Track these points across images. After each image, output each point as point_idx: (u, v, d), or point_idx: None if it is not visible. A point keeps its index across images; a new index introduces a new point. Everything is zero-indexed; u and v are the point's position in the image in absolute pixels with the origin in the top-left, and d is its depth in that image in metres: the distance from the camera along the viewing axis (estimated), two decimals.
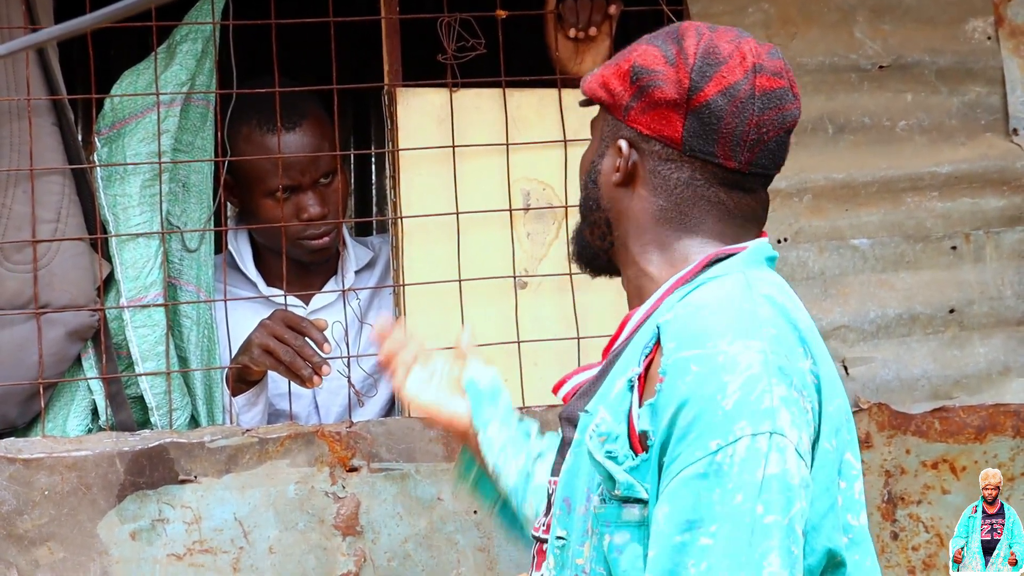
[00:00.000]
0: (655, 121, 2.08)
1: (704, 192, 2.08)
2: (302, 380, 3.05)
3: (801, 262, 3.30)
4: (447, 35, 3.15)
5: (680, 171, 2.08)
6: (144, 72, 3.10)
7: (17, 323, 2.99)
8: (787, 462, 1.87)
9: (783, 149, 2.11)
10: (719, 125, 2.05)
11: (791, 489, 1.87)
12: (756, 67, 2.10)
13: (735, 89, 2.07)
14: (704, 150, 2.06)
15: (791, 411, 1.89)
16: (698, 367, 1.91)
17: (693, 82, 2.06)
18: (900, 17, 3.37)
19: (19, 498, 2.88)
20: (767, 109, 2.08)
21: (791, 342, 1.96)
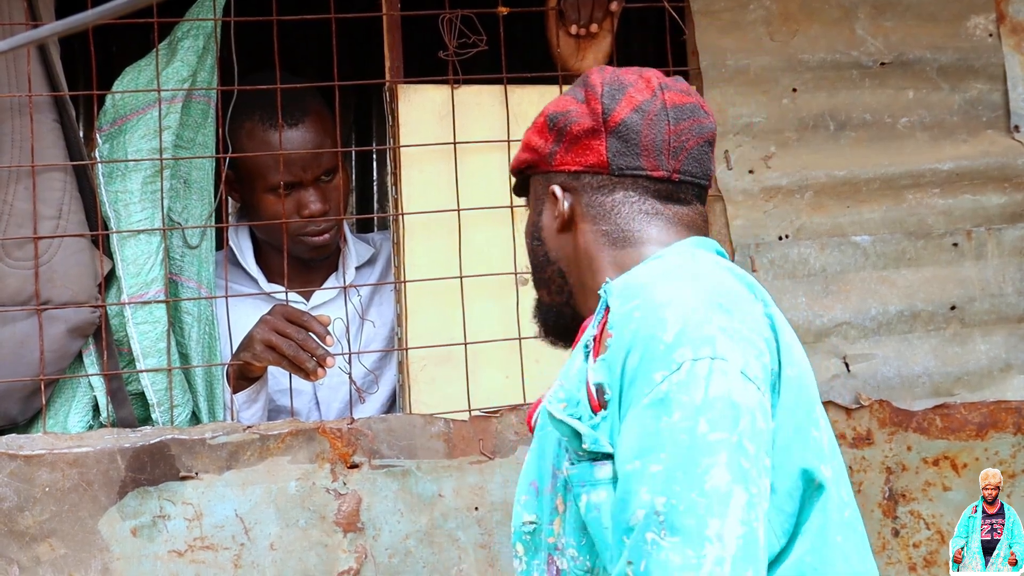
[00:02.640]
0: (579, 155, 2.19)
1: (641, 206, 2.17)
2: (306, 374, 3.05)
3: (802, 259, 3.30)
4: (448, 31, 3.15)
5: (614, 192, 2.18)
6: (145, 69, 3.10)
7: (18, 320, 2.99)
8: (730, 383, 1.92)
9: (706, 158, 2.20)
10: (638, 139, 2.16)
11: (737, 407, 1.91)
12: (661, 86, 2.22)
13: (646, 105, 2.18)
14: (631, 165, 2.16)
15: (732, 339, 1.95)
16: (640, 312, 1.98)
17: (605, 107, 2.18)
18: (901, 14, 3.37)
19: (20, 494, 2.88)
20: (681, 120, 2.18)
21: (735, 288, 2.03)
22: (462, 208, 3.16)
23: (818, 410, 2.05)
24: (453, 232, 3.16)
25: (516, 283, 3.18)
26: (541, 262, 2.24)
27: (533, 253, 2.26)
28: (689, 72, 3.31)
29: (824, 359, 3.29)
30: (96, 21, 1.61)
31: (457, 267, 3.14)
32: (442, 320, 3.15)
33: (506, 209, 3.19)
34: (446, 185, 3.17)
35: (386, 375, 3.39)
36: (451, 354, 3.13)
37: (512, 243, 3.19)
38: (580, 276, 2.20)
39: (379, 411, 3.35)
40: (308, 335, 3.05)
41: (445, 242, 3.16)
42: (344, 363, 3.22)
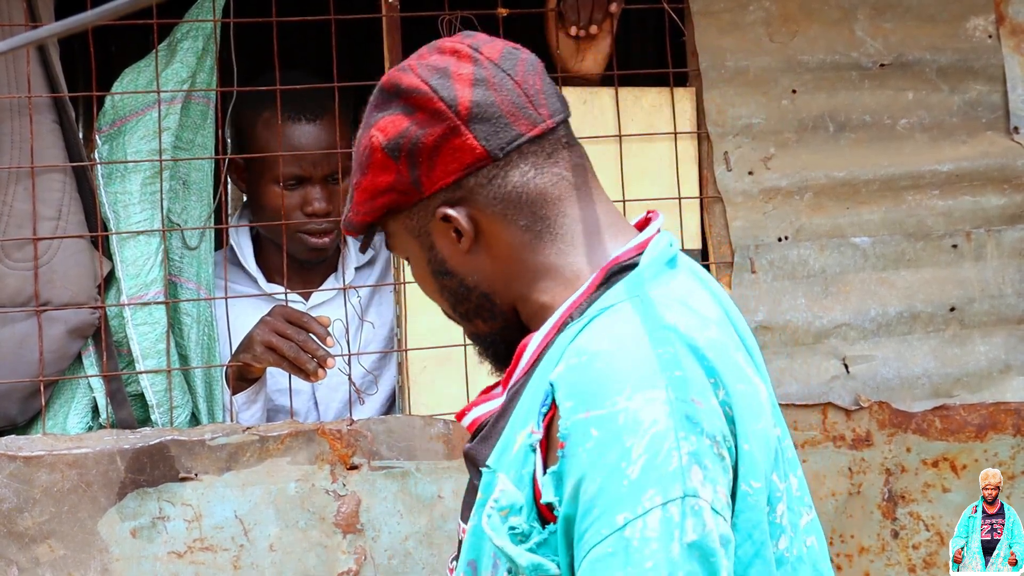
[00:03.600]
0: (450, 162, 1.90)
1: (541, 179, 1.91)
2: (306, 375, 3.05)
3: (802, 260, 3.30)
4: (448, 32, 3.15)
5: (508, 177, 1.91)
6: (145, 70, 3.10)
7: (18, 321, 2.99)
8: (705, 525, 1.71)
9: (554, 88, 1.95)
10: (498, 109, 1.90)
11: (713, 554, 1.70)
12: (472, 47, 1.95)
13: (479, 74, 1.91)
14: (510, 138, 1.90)
15: (704, 465, 1.73)
16: (598, 431, 1.73)
17: (445, 100, 1.90)
18: (901, 15, 3.37)
19: (19, 496, 2.88)
20: (514, 65, 1.92)
21: (699, 379, 1.78)
22: None
23: (775, 477, 1.84)
24: None
25: None
26: (460, 295, 1.98)
27: (444, 291, 2.00)
28: (688, 73, 3.31)
29: (823, 360, 3.29)
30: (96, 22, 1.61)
31: None
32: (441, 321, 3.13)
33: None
34: None
35: (385, 376, 3.39)
36: (450, 355, 3.13)
37: None
38: (510, 289, 1.95)
39: (378, 412, 3.35)
40: (308, 336, 3.05)
41: None
42: (343, 364, 3.21)
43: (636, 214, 2.02)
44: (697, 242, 3.29)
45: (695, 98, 3.30)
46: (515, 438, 1.84)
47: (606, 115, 3.27)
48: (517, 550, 1.78)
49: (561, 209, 1.92)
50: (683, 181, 3.29)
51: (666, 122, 3.29)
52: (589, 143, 3.23)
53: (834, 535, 3.22)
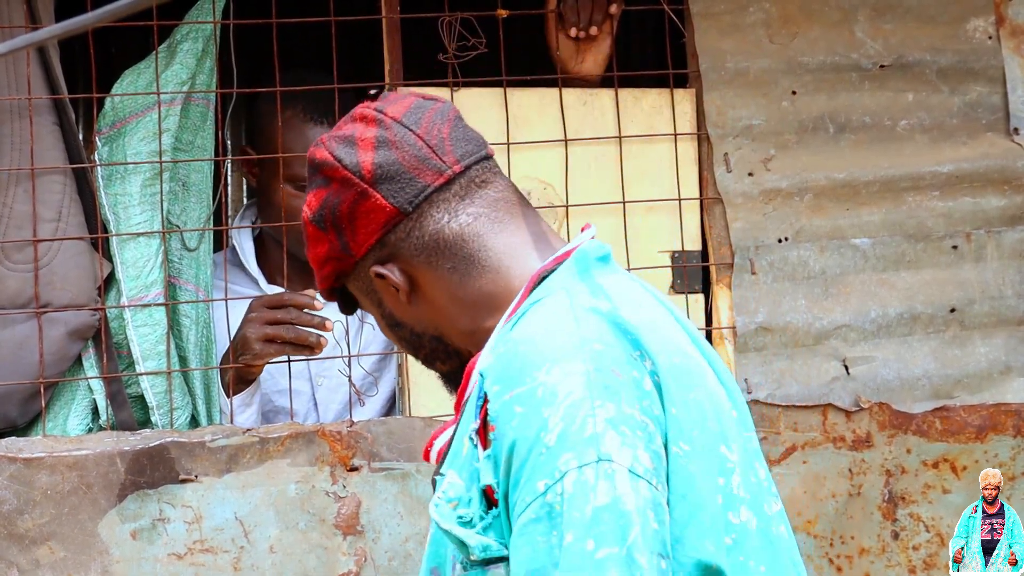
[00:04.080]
0: (367, 224, 2.01)
1: (457, 221, 2.00)
2: (311, 348, 3.04)
3: (802, 261, 3.30)
4: (448, 34, 3.15)
5: (423, 228, 2.00)
6: (145, 71, 3.10)
7: (18, 322, 2.99)
8: (618, 488, 1.76)
9: (467, 131, 2.04)
10: (401, 166, 1.99)
11: (625, 516, 1.75)
12: (377, 109, 2.04)
13: (381, 136, 2.01)
14: (416, 191, 2.00)
15: (621, 431, 1.78)
16: (521, 407, 1.82)
17: (350, 167, 2.00)
18: (901, 16, 3.37)
19: (20, 497, 2.88)
20: (418, 121, 2.02)
21: (621, 352, 1.85)
22: None
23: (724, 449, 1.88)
24: None
25: None
26: (414, 342, 2.07)
27: (402, 341, 2.09)
28: (688, 75, 3.31)
29: (824, 362, 3.29)
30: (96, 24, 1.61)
31: None
32: None
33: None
34: None
35: (385, 378, 3.39)
36: None
37: None
38: (457, 327, 2.03)
39: (378, 414, 3.35)
40: (299, 312, 3.04)
41: None
42: (343, 365, 3.21)
43: (637, 215, 2.06)
44: (697, 243, 3.29)
45: (695, 99, 3.30)
46: (463, 441, 1.91)
47: (606, 116, 3.27)
48: (465, 532, 1.85)
49: (483, 243, 2.00)
50: (683, 182, 3.29)
51: (666, 123, 3.29)
52: (589, 145, 3.25)
53: (834, 536, 3.22)
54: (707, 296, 3.30)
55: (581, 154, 3.25)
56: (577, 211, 3.22)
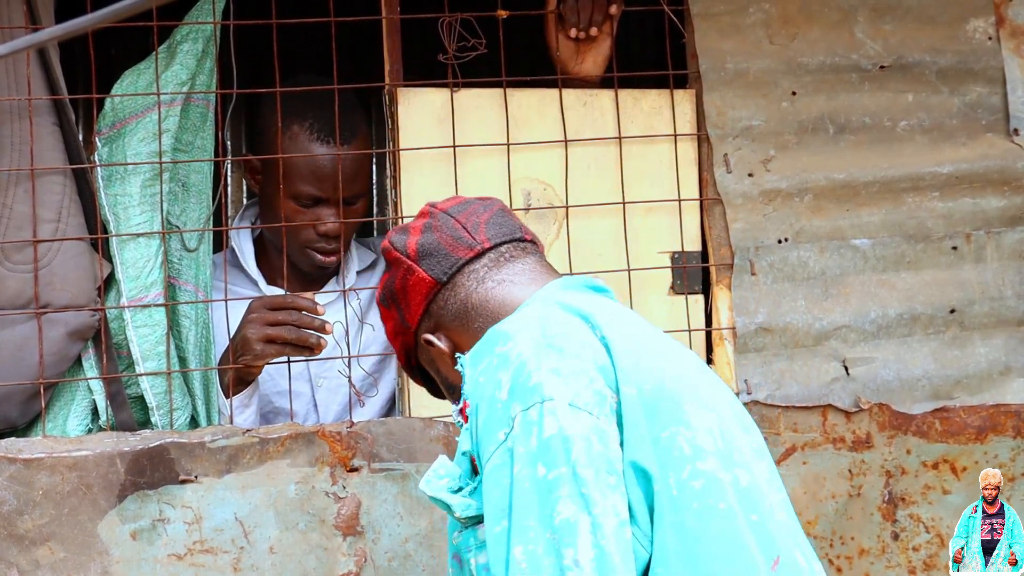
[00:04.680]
0: (414, 297, 2.37)
1: (483, 286, 2.33)
2: (311, 349, 3.04)
3: (802, 262, 3.30)
4: (448, 35, 3.15)
5: (456, 295, 2.34)
6: (145, 72, 3.10)
7: (18, 323, 2.99)
8: (560, 419, 2.04)
9: (506, 220, 2.38)
10: (439, 244, 2.35)
11: (567, 440, 2.03)
12: (431, 204, 2.43)
13: (428, 223, 2.39)
14: (450, 264, 2.35)
15: (562, 375, 2.07)
16: (483, 377, 2.13)
17: (400, 249, 2.39)
18: (901, 17, 3.37)
19: (20, 498, 2.88)
20: (461, 211, 2.38)
21: (572, 321, 2.15)
22: None
23: (693, 410, 2.12)
24: None
25: None
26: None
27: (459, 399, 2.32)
28: (688, 75, 3.31)
29: (823, 362, 3.29)
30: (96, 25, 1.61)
31: None
32: None
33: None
34: (445, 188, 3.16)
35: (385, 378, 3.39)
36: None
37: None
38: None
39: (378, 414, 3.35)
40: (300, 314, 3.04)
41: None
42: (343, 366, 3.21)
43: (636, 216, 2.19)
44: (697, 244, 3.30)
45: (695, 100, 3.30)
46: (460, 423, 2.22)
47: (606, 117, 3.27)
48: (452, 497, 2.16)
49: (505, 303, 2.31)
50: (683, 183, 3.29)
51: (666, 124, 3.29)
52: (589, 145, 3.25)
53: (834, 537, 3.23)
54: (707, 297, 3.30)
55: (581, 155, 3.25)
56: (577, 212, 3.22)
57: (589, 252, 3.21)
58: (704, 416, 2.12)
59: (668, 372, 2.14)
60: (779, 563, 2.08)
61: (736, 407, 2.22)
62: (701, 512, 2.05)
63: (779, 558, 2.08)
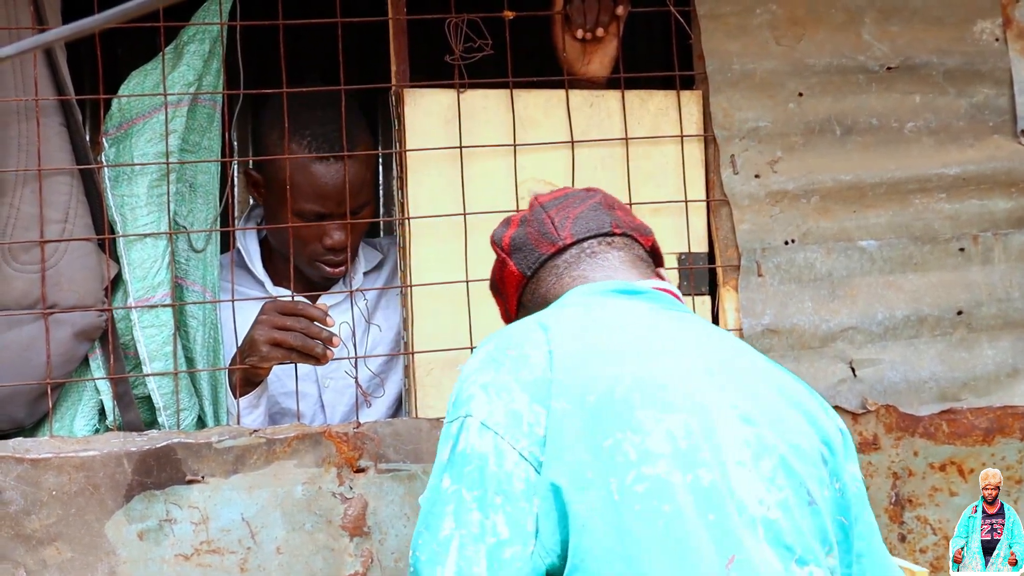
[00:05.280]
0: (509, 286, 2.51)
1: (558, 282, 2.43)
2: (316, 359, 3.04)
3: (808, 263, 3.30)
4: (454, 36, 3.15)
5: (539, 287, 2.46)
6: (151, 73, 3.10)
7: (25, 323, 2.99)
8: (470, 437, 2.18)
9: (599, 214, 2.47)
10: (526, 239, 2.47)
11: (467, 459, 2.17)
12: (534, 198, 2.53)
13: (526, 217, 2.50)
14: (533, 259, 2.46)
15: (489, 390, 2.19)
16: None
17: (498, 241, 2.52)
18: (908, 18, 3.37)
19: (27, 498, 2.88)
20: (556, 205, 2.48)
21: (529, 332, 2.24)
22: (468, 212, 3.16)
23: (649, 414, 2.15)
24: (459, 236, 3.16)
25: None
26: None
27: None
28: (695, 76, 3.31)
29: (830, 364, 3.29)
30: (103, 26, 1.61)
31: (463, 271, 3.14)
32: (448, 324, 3.15)
33: (512, 213, 3.19)
34: (452, 189, 3.17)
35: (392, 379, 3.39)
36: (457, 358, 3.13)
37: None
38: None
39: (385, 415, 3.35)
40: (309, 322, 3.04)
41: (451, 246, 3.16)
42: (350, 367, 3.22)
43: (643, 217, 2.28)
44: (704, 245, 3.29)
45: (702, 101, 3.30)
46: None
47: (612, 118, 3.27)
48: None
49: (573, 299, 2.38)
50: (689, 184, 3.29)
51: (672, 125, 3.29)
52: (595, 146, 3.25)
53: None
54: (713, 298, 3.30)
55: (587, 155, 3.25)
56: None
57: None
58: (666, 419, 2.14)
59: (626, 378, 2.17)
60: (734, 561, 2.08)
61: (760, 401, 2.23)
62: (642, 514, 2.09)
63: (734, 556, 2.08)
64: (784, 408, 2.25)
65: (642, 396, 2.16)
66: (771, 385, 2.27)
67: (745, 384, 2.24)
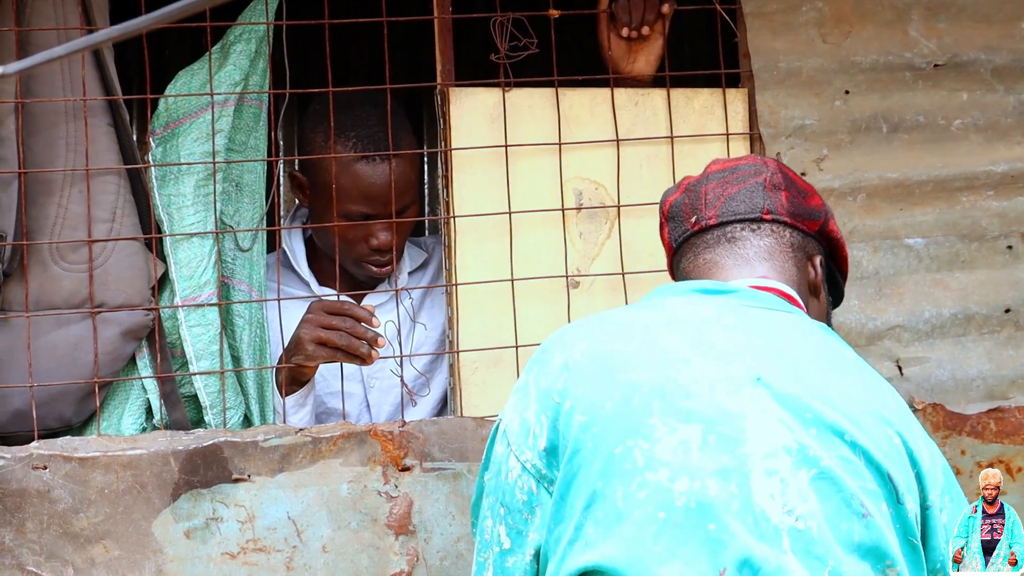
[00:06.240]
0: (665, 248, 2.51)
1: (694, 261, 2.42)
2: (362, 359, 3.04)
3: (855, 262, 3.29)
4: (500, 35, 3.15)
5: (682, 261, 2.45)
6: (198, 72, 3.11)
7: (73, 322, 3.01)
8: (496, 442, 2.27)
9: (756, 195, 2.41)
10: (680, 210, 2.45)
11: (491, 464, 2.27)
12: (712, 163, 2.51)
13: (691, 185, 2.47)
14: (680, 232, 2.45)
15: (516, 396, 2.26)
16: None
17: (662, 200, 2.52)
18: (955, 15, 3.35)
19: (75, 496, 2.90)
20: (719, 177, 2.44)
21: (568, 339, 2.28)
22: (513, 211, 3.16)
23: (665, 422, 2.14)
24: (504, 235, 3.16)
25: (567, 285, 3.18)
26: None
27: None
28: (741, 75, 3.30)
29: (877, 362, 3.27)
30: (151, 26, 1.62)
31: (508, 270, 3.15)
32: (493, 323, 3.15)
33: (557, 212, 3.19)
34: (497, 188, 3.17)
35: (437, 378, 3.39)
36: (502, 357, 3.13)
37: (563, 246, 3.19)
38: None
39: (430, 414, 3.35)
40: (355, 322, 3.05)
41: (496, 245, 3.17)
42: (396, 366, 3.22)
43: None
44: None
45: (747, 99, 3.29)
46: None
47: (658, 117, 3.27)
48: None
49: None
50: None
51: (718, 123, 3.28)
52: (641, 145, 3.24)
53: None
54: None
55: (632, 154, 3.25)
56: (629, 211, 3.21)
57: (641, 252, 3.20)
58: (682, 428, 2.13)
59: (646, 385, 2.17)
60: (725, 574, 2.07)
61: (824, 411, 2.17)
62: (639, 521, 2.09)
63: (725, 570, 2.07)
64: (858, 420, 2.18)
65: (661, 403, 2.15)
66: (854, 397, 2.21)
67: (809, 392, 2.18)
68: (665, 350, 2.21)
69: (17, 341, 2.98)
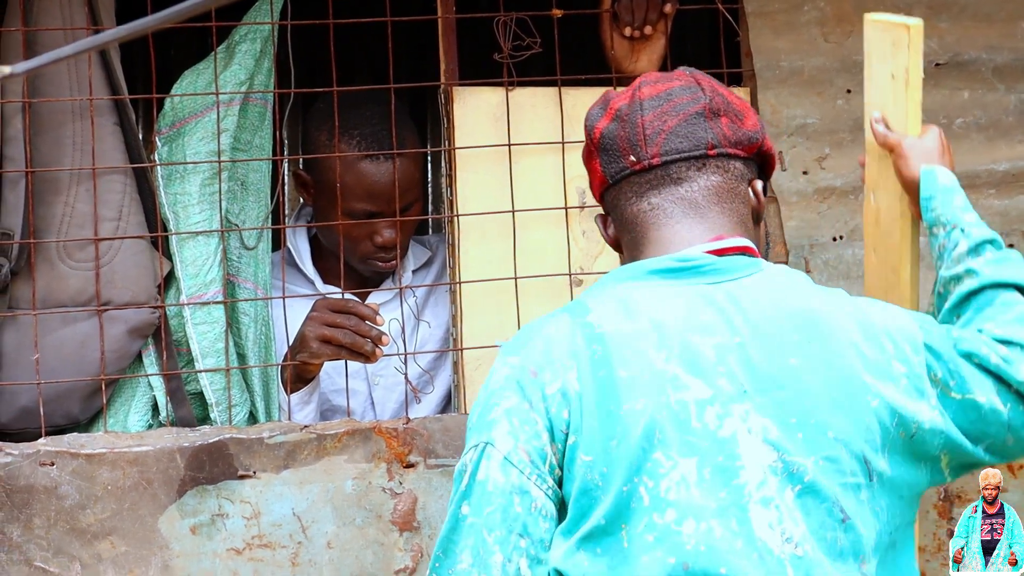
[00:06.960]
0: (593, 178, 2.33)
1: (638, 204, 2.27)
2: (366, 356, 3.05)
3: (857, 259, 3.30)
4: (503, 34, 3.16)
5: (618, 201, 2.29)
6: (204, 72, 3.12)
7: (79, 320, 3.03)
8: (491, 469, 2.11)
9: (697, 129, 2.26)
10: (616, 142, 2.26)
11: (487, 495, 2.10)
12: (640, 84, 2.31)
13: (622, 109, 2.28)
14: (618, 169, 2.27)
15: (512, 422, 2.12)
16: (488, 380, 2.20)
17: (589, 127, 2.31)
18: (957, 15, 3.36)
19: (82, 492, 2.91)
20: (656, 107, 2.27)
21: (556, 357, 2.15)
22: (517, 209, 3.17)
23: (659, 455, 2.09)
24: (508, 233, 3.17)
25: (571, 283, 3.19)
26: None
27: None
28: (743, 74, 3.31)
29: None
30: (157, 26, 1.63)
31: (512, 268, 3.16)
32: (497, 321, 3.16)
33: (560, 210, 3.20)
34: (501, 186, 3.18)
35: (441, 375, 3.40)
36: None
37: (566, 244, 3.20)
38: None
39: (434, 411, 3.36)
40: (359, 320, 3.06)
41: (500, 243, 3.18)
42: (400, 363, 3.23)
43: None
44: None
45: (750, 98, 3.30)
46: None
47: None
48: None
49: (646, 232, 2.26)
50: None
51: None
52: None
53: None
54: None
55: None
56: None
57: None
58: (682, 462, 2.09)
59: (645, 415, 2.10)
60: None
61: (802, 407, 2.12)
62: (648, 565, 2.07)
63: None
64: (835, 402, 2.13)
65: (661, 435, 2.10)
66: (830, 373, 2.15)
67: (790, 388, 2.13)
68: (656, 374, 2.12)
69: (24, 339, 2.99)
